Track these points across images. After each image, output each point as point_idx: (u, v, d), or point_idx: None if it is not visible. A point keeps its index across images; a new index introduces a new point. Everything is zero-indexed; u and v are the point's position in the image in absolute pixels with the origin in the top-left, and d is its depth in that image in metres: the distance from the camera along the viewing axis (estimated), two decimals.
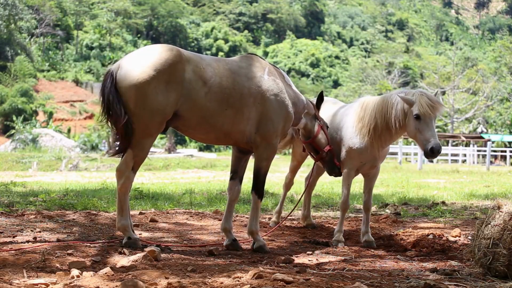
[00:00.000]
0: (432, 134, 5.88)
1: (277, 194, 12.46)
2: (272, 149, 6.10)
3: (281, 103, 6.04)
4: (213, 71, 5.75)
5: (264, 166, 6.11)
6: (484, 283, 4.53)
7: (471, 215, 9.48)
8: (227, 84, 5.78)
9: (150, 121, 5.54)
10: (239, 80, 5.87)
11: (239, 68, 5.96)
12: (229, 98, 5.77)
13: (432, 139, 5.84)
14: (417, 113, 5.91)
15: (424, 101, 5.90)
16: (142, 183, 15.76)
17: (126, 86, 5.48)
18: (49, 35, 77.71)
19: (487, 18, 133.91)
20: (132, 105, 5.49)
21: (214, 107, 5.71)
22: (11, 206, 8.88)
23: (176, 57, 5.58)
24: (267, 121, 5.97)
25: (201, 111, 5.67)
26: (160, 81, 5.46)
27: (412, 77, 78.35)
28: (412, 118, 5.98)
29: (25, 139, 43.93)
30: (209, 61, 5.85)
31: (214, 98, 5.69)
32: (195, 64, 5.68)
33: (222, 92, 5.73)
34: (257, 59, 6.20)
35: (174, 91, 5.52)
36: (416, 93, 6.05)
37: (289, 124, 6.26)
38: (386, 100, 6.36)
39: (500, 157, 47.94)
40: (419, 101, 5.92)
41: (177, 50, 5.67)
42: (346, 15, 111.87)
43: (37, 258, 4.85)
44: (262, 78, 6.01)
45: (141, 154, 5.68)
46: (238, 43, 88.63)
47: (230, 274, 4.48)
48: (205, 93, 5.66)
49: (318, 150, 6.57)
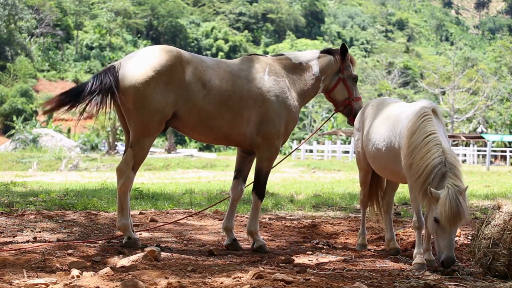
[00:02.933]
0: (446, 244, 4.99)
1: (277, 194, 12.46)
2: (274, 150, 6.05)
3: (282, 104, 6.01)
4: (213, 73, 5.78)
5: (265, 167, 6.08)
6: (484, 283, 4.53)
7: (471, 215, 9.47)
8: (226, 86, 5.79)
9: (149, 121, 5.59)
10: (239, 83, 5.87)
11: (239, 71, 5.96)
12: (228, 101, 5.78)
13: (445, 251, 4.99)
14: (435, 217, 5.06)
15: (446, 212, 4.96)
16: (142, 183, 15.77)
17: (125, 86, 5.55)
18: (49, 35, 77.71)
19: (487, 18, 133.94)
20: (131, 105, 5.56)
21: (212, 109, 5.73)
22: (11, 206, 8.88)
23: (176, 58, 5.63)
24: (268, 123, 5.95)
25: (199, 113, 5.70)
26: (159, 82, 5.53)
27: (412, 77, 78.37)
28: (431, 216, 5.13)
29: (25, 139, 43.96)
30: (210, 63, 5.87)
31: (212, 100, 5.72)
32: (195, 66, 5.72)
33: (221, 94, 5.75)
34: (258, 60, 6.17)
35: (173, 92, 5.58)
36: (445, 193, 5.01)
37: (293, 124, 6.21)
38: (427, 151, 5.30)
39: (500, 157, 47.93)
40: (441, 208, 4.99)
41: (177, 52, 5.72)
42: (346, 15, 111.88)
43: (37, 258, 4.85)
44: (262, 79, 5.99)
45: (141, 154, 5.71)
46: (238, 43, 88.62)
47: (230, 274, 4.48)
48: (204, 95, 5.69)
49: (334, 104, 6.64)
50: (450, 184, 5.02)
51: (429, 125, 5.41)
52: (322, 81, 6.42)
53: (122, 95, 5.56)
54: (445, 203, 4.96)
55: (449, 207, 4.94)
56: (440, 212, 4.99)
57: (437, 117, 5.55)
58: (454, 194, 4.97)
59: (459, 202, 4.96)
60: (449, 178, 5.07)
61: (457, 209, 4.96)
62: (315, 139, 55.20)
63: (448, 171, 5.11)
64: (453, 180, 5.05)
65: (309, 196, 12.41)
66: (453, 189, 4.98)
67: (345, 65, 6.43)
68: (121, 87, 5.56)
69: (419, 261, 5.37)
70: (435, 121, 5.48)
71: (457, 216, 4.98)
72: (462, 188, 5.02)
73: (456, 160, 5.23)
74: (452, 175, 5.10)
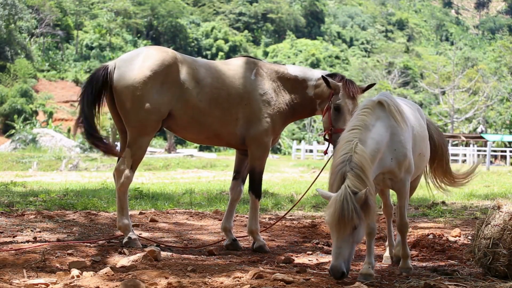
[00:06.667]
0: (333, 251, 4.39)
1: (277, 194, 12.46)
2: (263, 148, 6.11)
3: (267, 103, 6.08)
4: (206, 72, 5.95)
5: (257, 166, 6.15)
6: (484, 283, 4.53)
7: (471, 215, 9.48)
8: (217, 84, 5.95)
9: (146, 120, 5.72)
10: (228, 81, 6.01)
11: (228, 70, 6.10)
12: (218, 98, 5.93)
13: (332, 259, 4.40)
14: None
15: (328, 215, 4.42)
16: (142, 183, 15.77)
17: (122, 86, 5.69)
18: (49, 35, 77.66)
19: (487, 18, 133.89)
20: (128, 105, 5.70)
21: (204, 106, 5.87)
22: (11, 206, 8.88)
23: (172, 58, 5.81)
24: (255, 121, 6.04)
25: (192, 110, 5.84)
26: (156, 81, 5.69)
27: (412, 77, 78.32)
28: None
29: (25, 139, 43.94)
30: (202, 63, 6.08)
31: (204, 98, 5.87)
32: (189, 65, 5.90)
33: (212, 92, 5.91)
34: (248, 61, 6.26)
35: (168, 91, 5.75)
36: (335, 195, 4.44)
37: (281, 121, 6.23)
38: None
39: (500, 157, 47.93)
40: (326, 211, 4.49)
41: (172, 52, 5.92)
42: (346, 15, 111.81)
43: (37, 258, 4.85)
44: (249, 79, 6.10)
45: (138, 153, 5.82)
46: (238, 43, 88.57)
47: (230, 274, 4.48)
48: (197, 93, 5.85)
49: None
50: (345, 185, 4.40)
51: (356, 120, 4.82)
52: (318, 104, 6.24)
53: (118, 95, 5.71)
54: (330, 205, 4.39)
55: (333, 210, 4.35)
56: (326, 216, 4.47)
57: (383, 110, 4.88)
58: (343, 196, 4.33)
59: (346, 206, 4.30)
60: (347, 179, 4.43)
61: (340, 212, 4.30)
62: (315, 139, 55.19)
63: (349, 171, 4.45)
64: (349, 181, 4.41)
65: (309, 196, 12.40)
66: (345, 191, 4.35)
67: (333, 93, 6.01)
68: (118, 87, 5.71)
69: (364, 271, 4.73)
70: (375, 114, 4.83)
71: (340, 221, 4.30)
72: (361, 192, 4.34)
73: (364, 159, 4.50)
74: (351, 175, 4.44)
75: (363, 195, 4.35)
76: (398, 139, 4.88)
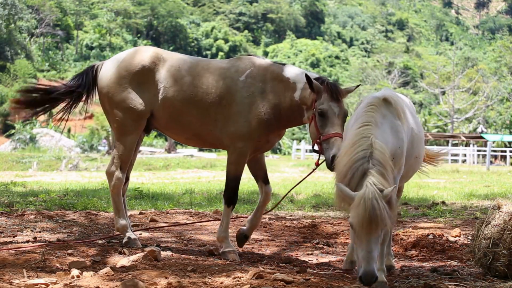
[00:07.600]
0: (364, 256, 4.12)
1: (277, 194, 12.44)
2: (238, 153, 5.65)
3: (248, 106, 5.61)
4: (188, 70, 5.78)
5: (231, 170, 5.71)
6: (484, 283, 4.53)
7: (471, 215, 9.48)
8: (197, 83, 5.73)
9: (124, 119, 5.76)
10: (211, 80, 5.72)
11: (218, 69, 5.80)
12: (194, 97, 5.71)
13: (362, 264, 4.12)
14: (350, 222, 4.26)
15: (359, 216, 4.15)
16: (142, 183, 15.77)
17: (101, 86, 5.86)
18: (49, 35, 77.66)
19: (487, 18, 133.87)
20: (107, 105, 5.85)
21: (180, 105, 5.74)
22: (11, 206, 8.89)
23: (151, 58, 5.78)
24: (233, 123, 5.63)
25: (169, 109, 5.76)
26: (132, 81, 5.73)
27: (412, 77, 78.35)
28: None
29: (25, 139, 43.92)
30: (188, 61, 5.87)
31: (181, 96, 5.73)
32: (171, 63, 5.80)
33: (190, 91, 5.73)
34: (247, 61, 5.83)
35: (147, 90, 5.75)
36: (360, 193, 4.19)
37: (263, 127, 5.64)
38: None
39: (500, 157, 47.93)
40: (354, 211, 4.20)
41: (153, 51, 5.88)
42: (346, 15, 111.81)
43: (37, 258, 4.85)
44: (237, 80, 5.69)
45: (124, 152, 5.82)
46: (238, 43, 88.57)
47: (230, 274, 4.48)
48: (174, 92, 5.73)
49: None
50: (370, 182, 4.17)
51: (365, 116, 4.62)
52: (305, 110, 5.55)
53: (99, 95, 5.89)
54: (359, 205, 4.10)
55: (363, 210, 4.07)
56: (353, 216, 4.15)
57: (388, 107, 4.76)
58: (372, 195, 4.10)
59: (376, 205, 4.07)
60: (371, 176, 4.21)
61: (373, 213, 4.06)
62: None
63: (372, 168, 4.24)
64: (374, 179, 4.19)
65: (309, 196, 12.41)
66: (372, 189, 4.13)
67: (316, 98, 5.38)
68: (99, 88, 5.89)
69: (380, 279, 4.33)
70: (381, 111, 4.69)
71: (372, 222, 4.07)
72: (387, 190, 4.17)
73: (385, 156, 4.33)
74: (375, 172, 4.23)
75: (389, 193, 4.15)
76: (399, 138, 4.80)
